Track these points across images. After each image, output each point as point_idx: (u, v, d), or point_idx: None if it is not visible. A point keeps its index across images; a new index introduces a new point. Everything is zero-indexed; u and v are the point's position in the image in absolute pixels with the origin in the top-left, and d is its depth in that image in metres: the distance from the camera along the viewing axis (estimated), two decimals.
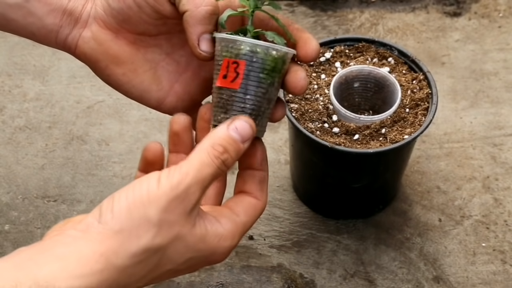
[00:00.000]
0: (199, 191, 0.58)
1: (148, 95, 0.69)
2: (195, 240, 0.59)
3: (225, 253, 0.62)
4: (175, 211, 0.57)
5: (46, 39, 0.68)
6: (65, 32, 0.68)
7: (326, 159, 0.84)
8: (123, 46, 0.67)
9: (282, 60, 0.62)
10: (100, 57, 0.68)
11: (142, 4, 0.64)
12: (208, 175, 0.59)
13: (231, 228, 0.62)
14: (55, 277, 0.53)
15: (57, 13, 0.67)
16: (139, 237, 0.56)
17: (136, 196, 0.56)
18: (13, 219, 0.91)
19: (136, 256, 0.56)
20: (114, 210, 0.56)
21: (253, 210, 0.64)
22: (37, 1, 0.66)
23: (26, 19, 0.67)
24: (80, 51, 0.68)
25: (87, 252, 0.55)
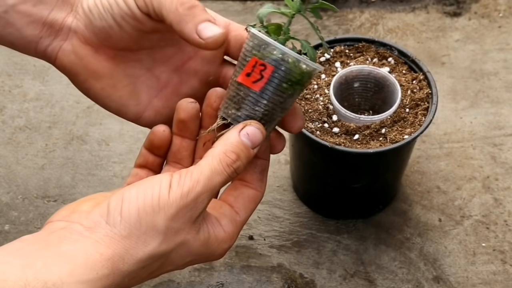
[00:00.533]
0: (207, 199, 0.59)
1: (126, 109, 0.68)
2: (198, 245, 0.60)
3: (223, 253, 0.63)
4: (182, 219, 0.58)
5: (25, 49, 0.67)
6: (45, 44, 0.66)
7: (326, 159, 0.84)
8: (103, 61, 0.66)
9: (309, 75, 0.61)
10: (79, 71, 0.67)
11: (122, 24, 0.63)
12: (218, 184, 0.59)
13: (231, 230, 0.62)
14: (63, 281, 0.54)
15: (37, 25, 0.65)
16: (146, 245, 0.57)
17: (147, 201, 0.57)
18: (13, 219, 0.91)
19: (141, 262, 0.57)
20: (123, 212, 0.57)
21: (253, 203, 0.64)
22: (16, 12, 0.65)
23: (4, 29, 0.65)
24: (59, 63, 0.67)
25: (94, 255, 0.56)
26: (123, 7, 0.63)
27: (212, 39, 0.61)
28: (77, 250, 0.56)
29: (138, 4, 0.62)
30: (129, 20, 0.63)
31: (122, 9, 0.63)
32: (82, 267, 0.55)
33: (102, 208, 0.58)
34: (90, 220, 0.57)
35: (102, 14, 0.64)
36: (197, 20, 0.61)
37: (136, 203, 0.57)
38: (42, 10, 0.65)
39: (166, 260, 0.59)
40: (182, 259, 0.60)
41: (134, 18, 0.63)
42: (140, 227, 0.56)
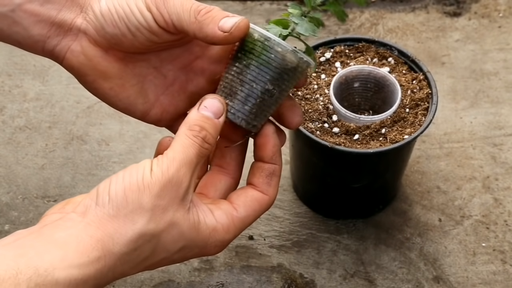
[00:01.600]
0: (189, 173, 0.59)
1: (134, 108, 0.69)
2: (188, 226, 0.60)
3: (218, 245, 0.63)
4: (168, 196, 0.58)
5: (32, 48, 0.67)
6: (53, 43, 0.66)
7: (326, 159, 0.84)
8: (112, 62, 0.67)
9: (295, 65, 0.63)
10: (88, 72, 0.67)
11: (137, 34, 0.64)
12: (193, 155, 0.60)
13: (225, 222, 0.62)
14: (54, 266, 0.55)
15: (45, 24, 0.66)
16: (134, 223, 0.57)
17: (132, 181, 0.58)
18: (13, 219, 0.91)
19: (132, 242, 0.57)
20: (110, 192, 0.58)
21: (257, 204, 0.64)
22: (23, 12, 0.65)
23: (11, 28, 0.66)
24: (67, 63, 0.67)
25: (85, 238, 0.56)
26: (140, 19, 0.64)
27: (235, 28, 0.62)
28: (69, 236, 0.56)
29: (156, 18, 0.63)
30: (144, 32, 0.64)
31: (139, 21, 0.64)
32: (73, 252, 0.56)
33: (92, 192, 0.59)
34: (82, 206, 0.58)
35: (116, 22, 0.64)
36: (216, 20, 0.63)
37: (122, 183, 0.58)
38: (50, 10, 0.65)
39: (158, 243, 0.59)
40: (174, 243, 0.60)
41: (149, 30, 0.64)
42: (127, 206, 0.57)
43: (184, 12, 0.62)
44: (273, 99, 0.64)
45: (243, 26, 0.63)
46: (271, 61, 0.63)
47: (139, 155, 0.97)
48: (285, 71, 0.63)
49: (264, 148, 0.65)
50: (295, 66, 0.63)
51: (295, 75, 0.64)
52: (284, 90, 0.64)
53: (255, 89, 0.63)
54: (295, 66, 0.63)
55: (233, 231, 0.63)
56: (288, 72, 0.63)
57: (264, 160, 0.66)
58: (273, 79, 0.63)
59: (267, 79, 0.63)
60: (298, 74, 0.64)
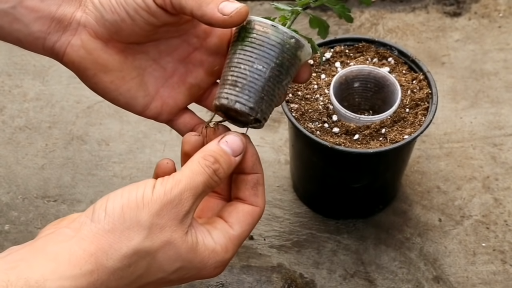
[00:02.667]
0: (191, 198, 0.59)
1: (135, 102, 0.69)
2: (186, 248, 0.59)
3: (218, 266, 0.62)
4: (167, 216, 0.58)
5: (32, 45, 0.67)
6: (53, 39, 0.66)
7: (326, 159, 0.84)
8: (112, 55, 0.67)
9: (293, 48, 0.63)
10: (88, 66, 0.67)
11: (135, 17, 0.64)
12: (200, 183, 0.60)
13: (223, 242, 0.62)
14: (45, 278, 0.54)
15: (45, 20, 0.66)
16: (130, 239, 0.57)
17: (131, 198, 0.58)
18: (13, 219, 0.91)
19: (126, 258, 0.57)
20: (107, 209, 0.57)
21: (249, 218, 0.64)
22: (24, 8, 0.65)
23: (12, 26, 0.66)
24: (68, 58, 0.67)
25: (78, 251, 0.56)
26: (137, 1, 0.63)
27: (236, 12, 0.62)
28: (61, 249, 0.56)
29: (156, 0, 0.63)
30: (143, 13, 0.63)
31: (137, 2, 0.63)
32: (65, 264, 0.55)
33: (88, 210, 0.58)
34: (76, 222, 0.58)
35: (114, 7, 0.64)
36: (218, 0, 0.62)
37: (120, 200, 0.58)
38: (50, 6, 0.65)
39: (153, 261, 0.58)
40: (171, 264, 0.59)
41: (148, 11, 0.63)
42: (124, 222, 0.57)
43: None
44: (265, 78, 0.63)
45: (244, 12, 0.62)
46: (253, 40, 0.63)
47: (139, 155, 0.97)
48: (270, 47, 0.63)
49: (244, 160, 0.65)
50: (280, 42, 0.63)
51: (283, 52, 0.63)
52: (275, 69, 0.63)
53: (243, 69, 0.63)
54: (280, 42, 0.63)
55: (232, 250, 0.63)
56: (273, 48, 0.63)
57: (246, 172, 0.65)
58: (259, 56, 0.63)
59: (253, 58, 0.63)
60: (287, 51, 0.63)
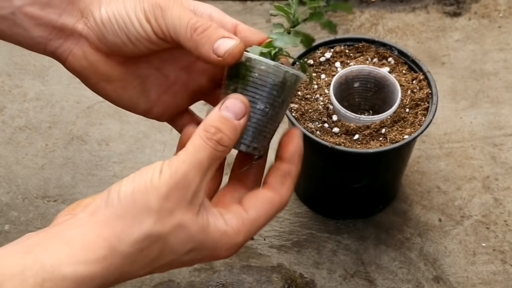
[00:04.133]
0: (198, 176, 0.58)
1: (136, 107, 0.70)
2: (197, 229, 0.59)
3: (229, 249, 0.61)
4: (175, 198, 0.58)
5: (34, 48, 0.68)
6: (54, 45, 0.67)
7: (326, 159, 0.84)
8: (114, 66, 0.67)
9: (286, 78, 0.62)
10: (90, 75, 0.68)
11: (136, 43, 0.65)
12: (204, 159, 0.59)
13: (235, 225, 0.61)
14: (61, 262, 0.55)
15: (46, 28, 0.66)
16: (141, 223, 0.57)
17: (141, 182, 0.58)
18: (13, 219, 0.91)
19: (138, 243, 0.57)
20: (120, 193, 0.58)
21: (268, 205, 0.63)
22: (23, 15, 0.65)
23: (12, 30, 0.66)
24: (70, 65, 0.68)
25: (91, 236, 0.57)
26: (139, 30, 0.64)
27: (228, 53, 0.61)
28: (76, 234, 0.57)
29: (155, 30, 0.63)
30: (144, 42, 0.64)
31: (138, 32, 0.64)
32: (80, 249, 0.56)
33: (104, 193, 0.59)
34: (92, 206, 0.58)
35: (116, 31, 0.64)
36: (212, 40, 0.62)
37: (132, 185, 0.58)
38: (51, 14, 0.65)
39: (165, 245, 0.58)
40: (183, 246, 0.59)
41: (149, 41, 0.64)
42: (134, 206, 0.57)
43: (181, 27, 0.62)
44: (267, 117, 0.63)
45: (237, 52, 0.61)
46: (256, 80, 0.61)
47: (139, 155, 0.97)
48: (273, 87, 0.62)
49: (285, 147, 0.64)
50: (282, 81, 0.62)
51: (284, 90, 0.62)
52: (277, 107, 0.63)
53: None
54: (282, 81, 0.62)
55: (244, 233, 0.62)
56: (276, 88, 0.62)
57: (282, 159, 0.64)
58: (262, 97, 0.62)
59: (256, 99, 0.62)
60: (288, 88, 0.63)
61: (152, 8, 0.63)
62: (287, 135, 0.65)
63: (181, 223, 0.58)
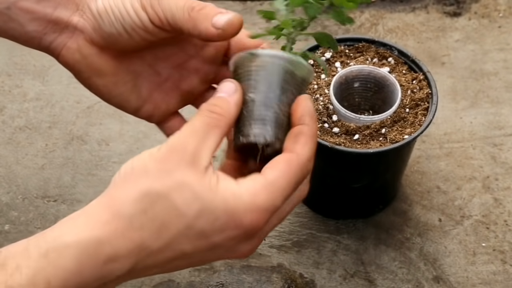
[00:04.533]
0: (193, 140, 0.57)
1: (127, 104, 0.70)
2: (202, 186, 0.56)
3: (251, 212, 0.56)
4: (172, 160, 0.57)
5: (28, 43, 0.68)
6: (49, 39, 0.67)
7: (326, 159, 0.84)
8: (107, 60, 0.68)
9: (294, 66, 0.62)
10: (83, 69, 0.68)
11: (132, 34, 0.65)
12: (198, 124, 0.58)
13: (251, 187, 0.57)
14: (63, 232, 0.55)
15: (41, 22, 0.66)
16: (138, 184, 0.56)
17: (140, 156, 0.58)
18: (13, 219, 0.91)
19: (137, 202, 0.56)
20: (121, 170, 0.58)
21: (284, 164, 0.58)
22: (19, 9, 0.65)
23: (7, 25, 0.66)
24: (63, 59, 0.68)
25: (94, 207, 0.57)
26: (135, 20, 0.64)
27: (227, 23, 0.61)
28: (81, 211, 0.57)
29: (151, 18, 0.63)
30: (140, 31, 0.64)
31: (134, 21, 0.64)
32: (81, 219, 0.56)
33: None
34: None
35: (112, 22, 0.64)
36: (210, 16, 0.62)
37: (131, 160, 0.58)
38: (46, 8, 0.65)
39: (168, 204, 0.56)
40: (189, 205, 0.56)
41: (145, 30, 0.64)
42: (132, 173, 0.57)
43: (177, 10, 0.62)
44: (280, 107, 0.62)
45: (236, 21, 0.62)
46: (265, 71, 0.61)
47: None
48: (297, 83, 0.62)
49: (295, 112, 0.61)
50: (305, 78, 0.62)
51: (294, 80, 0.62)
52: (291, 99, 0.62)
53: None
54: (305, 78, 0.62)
55: (263, 194, 0.56)
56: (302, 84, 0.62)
57: (294, 124, 0.61)
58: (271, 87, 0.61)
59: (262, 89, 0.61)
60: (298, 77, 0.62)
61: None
62: (295, 102, 0.62)
63: (182, 181, 0.56)
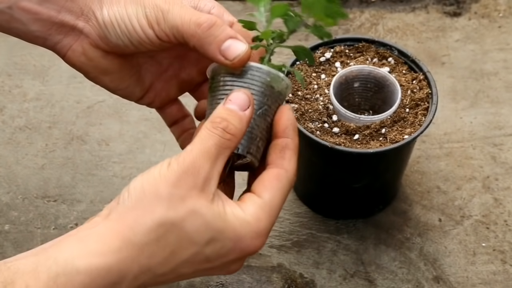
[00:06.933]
0: (206, 163, 0.57)
1: (132, 94, 0.72)
2: (213, 215, 0.57)
3: (256, 238, 0.59)
4: (185, 185, 0.57)
5: (33, 42, 0.68)
6: (54, 40, 0.67)
7: (326, 159, 0.84)
8: (113, 60, 0.68)
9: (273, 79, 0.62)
10: (89, 70, 0.69)
11: (139, 47, 0.66)
12: (212, 146, 0.58)
13: (253, 211, 0.59)
14: (74, 256, 0.54)
15: (45, 23, 0.66)
16: (152, 212, 0.56)
17: (150, 175, 0.57)
18: (13, 219, 0.91)
19: (152, 231, 0.56)
20: (130, 189, 0.57)
21: (276, 181, 0.61)
22: (20, 9, 0.65)
23: (10, 24, 0.66)
24: (69, 60, 0.69)
25: (105, 231, 0.56)
26: (141, 36, 0.65)
27: (238, 59, 0.62)
28: (89, 232, 0.56)
29: (158, 35, 0.64)
30: (147, 45, 0.65)
31: (141, 37, 0.65)
32: (93, 243, 0.55)
33: (117, 196, 0.58)
34: (106, 209, 0.58)
35: (118, 35, 0.65)
36: (219, 40, 0.62)
37: (140, 179, 0.57)
38: (50, 10, 0.66)
39: (181, 233, 0.56)
40: (201, 234, 0.57)
41: (152, 44, 0.65)
42: (144, 197, 0.56)
43: (183, 25, 0.62)
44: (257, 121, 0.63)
45: (246, 58, 0.62)
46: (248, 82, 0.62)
47: (139, 155, 0.97)
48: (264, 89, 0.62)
49: (277, 122, 0.63)
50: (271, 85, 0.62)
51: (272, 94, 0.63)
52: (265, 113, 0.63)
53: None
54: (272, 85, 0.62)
55: (265, 218, 0.59)
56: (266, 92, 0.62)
57: (277, 135, 0.63)
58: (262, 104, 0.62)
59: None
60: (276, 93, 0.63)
61: (154, 13, 0.63)
62: (278, 112, 0.64)
63: (195, 209, 0.57)
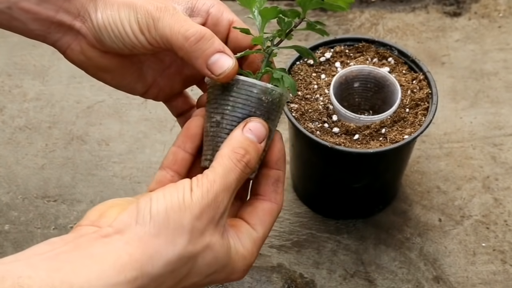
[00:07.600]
0: (226, 198, 0.59)
1: (134, 90, 0.73)
2: (222, 252, 0.59)
3: (245, 270, 0.62)
4: (206, 219, 0.58)
5: (34, 39, 0.69)
6: (54, 38, 0.68)
7: (326, 159, 0.84)
8: (111, 59, 0.69)
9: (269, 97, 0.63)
10: (89, 68, 0.70)
11: (133, 50, 0.66)
12: (234, 181, 0.60)
13: (250, 247, 0.62)
14: (91, 284, 0.53)
15: (44, 22, 0.66)
16: (175, 244, 0.56)
17: (174, 200, 0.57)
18: (13, 219, 0.91)
19: (170, 264, 0.56)
20: (152, 211, 0.57)
21: (269, 217, 0.64)
22: (20, 9, 0.65)
23: (10, 23, 0.67)
24: (68, 58, 0.69)
25: (124, 256, 0.55)
26: (134, 41, 0.65)
27: (224, 75, 0.63)
28: (107, 252, 0.55)
29: (149, 41, 0.64)
30: (140, 49, 0.66)
31: (133, 42, 0.65)
32: (110, 269, 0.54)
33: (131, 210, 0.57)
34: (119, 222, 0.57)
35: (112, 39, 0.66)
36: (206, 55, 0.63)
37: (164, 202, 0.57)
38: (48, 10, 0.66)
39: (193, 266, 0.58)
40: (208, 268, 0.59)
41: (145, 49, 0.66)
42: (168, 225, 0.56)
43: (172, 36, 0.63)
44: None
45: (232, 74, 0.63)
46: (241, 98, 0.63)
47: (139, 155, 0.97)
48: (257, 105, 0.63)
49: (270, 152, 0.65)
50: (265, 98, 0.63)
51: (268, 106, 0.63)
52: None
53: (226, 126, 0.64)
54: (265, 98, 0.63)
55: (256, 252, 0.63)
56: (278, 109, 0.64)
57: (269, 165, 0.65)
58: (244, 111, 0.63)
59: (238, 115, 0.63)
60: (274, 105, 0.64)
61: (145, 19, 0.64)
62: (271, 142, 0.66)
63: (210, 244, 0.58)
